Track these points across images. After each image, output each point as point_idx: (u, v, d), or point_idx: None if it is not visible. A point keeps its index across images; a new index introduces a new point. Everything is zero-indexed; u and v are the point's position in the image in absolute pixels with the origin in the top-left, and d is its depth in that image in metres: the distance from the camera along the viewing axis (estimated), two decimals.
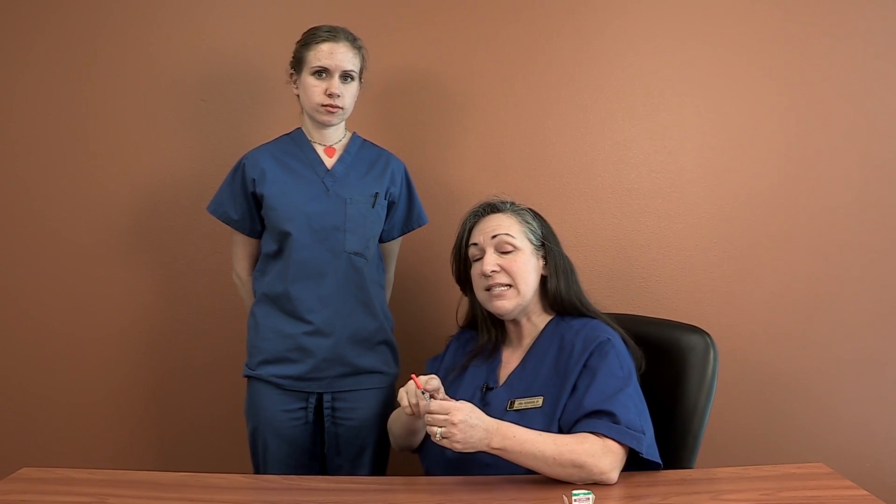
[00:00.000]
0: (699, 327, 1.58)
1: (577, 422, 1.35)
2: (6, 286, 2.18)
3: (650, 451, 1.35)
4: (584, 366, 1.40)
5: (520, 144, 2.13)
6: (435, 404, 1.29)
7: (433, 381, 1.40)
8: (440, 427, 1.26)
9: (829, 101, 2.11)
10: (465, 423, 1.26)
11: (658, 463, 1.36)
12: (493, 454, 1.30)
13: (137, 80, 2.14)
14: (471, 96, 2.13)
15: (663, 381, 1.54)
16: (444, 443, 1.27)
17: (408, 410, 1.38)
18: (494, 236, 1.49)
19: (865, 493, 1.22)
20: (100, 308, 2.16)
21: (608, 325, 1.49)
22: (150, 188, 2.15)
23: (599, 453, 1.29)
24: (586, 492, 1.18)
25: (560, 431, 1.37)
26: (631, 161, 2.13)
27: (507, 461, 1.31)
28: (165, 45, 2.14)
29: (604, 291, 2.11)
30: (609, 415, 1.33)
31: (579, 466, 1.27)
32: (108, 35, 2.14)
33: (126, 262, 2.16)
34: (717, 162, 2.12)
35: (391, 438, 1.64)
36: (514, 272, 1.47)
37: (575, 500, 1.16)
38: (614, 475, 1.30)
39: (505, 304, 1.47)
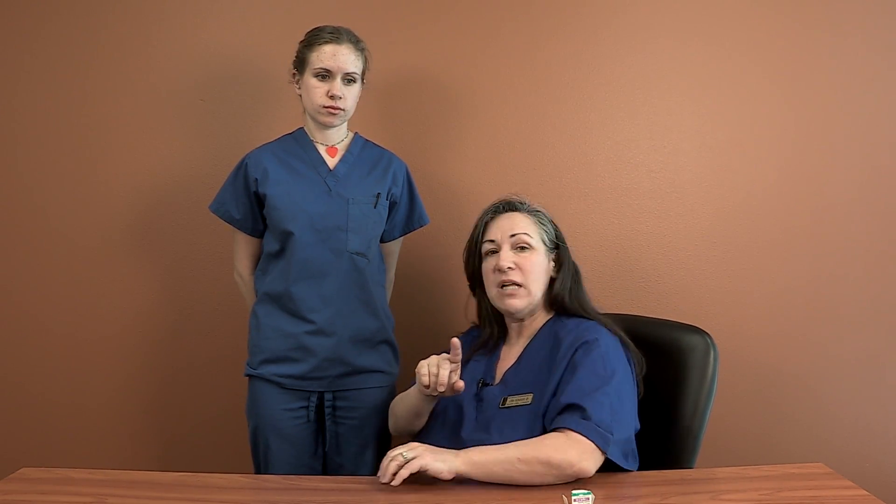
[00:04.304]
0: (699, 327, 1.59)
1: (553, 418, 1.34)
2: (6, 286, 2.18)
3: (615, 452, 1.31)
4: (569, 363, 1.41)
5: (520, 144, 2.13)
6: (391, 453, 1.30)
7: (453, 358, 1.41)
8: (399, 452, 1.27)
9: (829, 100, 2.11)
10: (421, 445, 1.29)
11: (627, 469, 1.34)
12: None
13: (137, 79, 2.14)
14: (472, 96, 2.13)
15: (663, 382, 1.54)
16: (415, 458, 1.26)
17: (425, 381, 1.40)
18: (513, 235, 1.51)
19: (865, 493, 1.22)
20: (100, 308, 2.16)
21: (606, 327, 1.49)
22: (150, 188, 2.15)
23: (564, 446, 1.27)
24: (586, 491, 1.17)
25: (543, 429, 1.36)
26: (631, 161, 2.13)
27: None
28: (165, 45, 2.14)
29: (604, 291, 2.11)
30: (580, 410, 1.31)
31: (545, 462, 1.25)
32: (107, 35, 2.14)
33: (126, 261, 2.16)
34: (717, 162, 2.12)
35: (392, 421, 1.66)
36: (527, 271, 1.49)
37: (574, 500, 1.16)
38: (586, 465, 1.27)
39: (516, 302, 1.50)
